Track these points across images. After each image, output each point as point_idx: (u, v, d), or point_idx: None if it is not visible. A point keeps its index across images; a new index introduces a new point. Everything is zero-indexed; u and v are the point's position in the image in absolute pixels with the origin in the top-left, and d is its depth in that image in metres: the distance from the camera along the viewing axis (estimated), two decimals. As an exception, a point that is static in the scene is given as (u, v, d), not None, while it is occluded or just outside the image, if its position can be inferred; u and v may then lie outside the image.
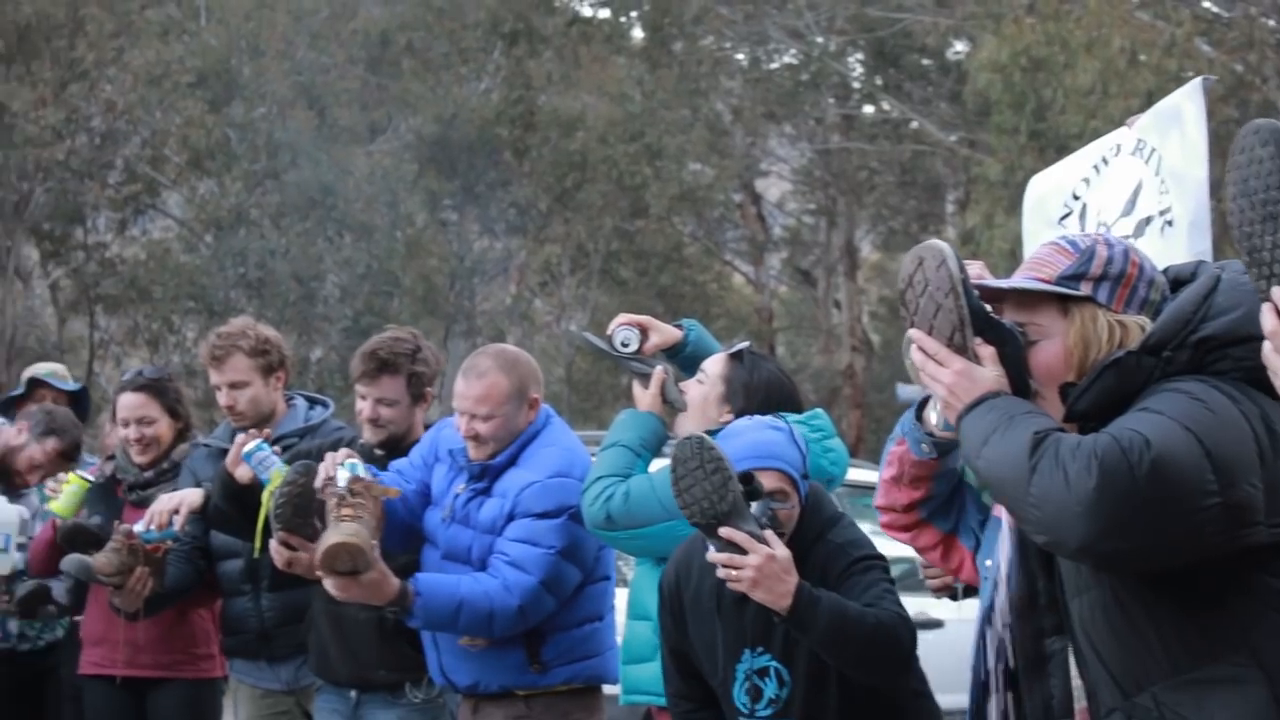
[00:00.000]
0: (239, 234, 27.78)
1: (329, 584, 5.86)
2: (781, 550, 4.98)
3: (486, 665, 6.16)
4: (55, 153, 26.16)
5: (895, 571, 5.42)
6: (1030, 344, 3.78)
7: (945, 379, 3.74)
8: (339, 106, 29.29)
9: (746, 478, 5.05)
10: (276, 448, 6.69)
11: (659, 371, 6.05)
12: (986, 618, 4.33)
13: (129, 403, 7.48)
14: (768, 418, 5.48)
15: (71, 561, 7.00)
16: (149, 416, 7.48)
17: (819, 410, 6.12)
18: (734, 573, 4.97)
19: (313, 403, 7.36)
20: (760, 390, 5.90)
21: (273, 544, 6.17)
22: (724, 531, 4.96)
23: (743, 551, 4.96)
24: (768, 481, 5.15)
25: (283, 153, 27.93)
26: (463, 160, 30.58)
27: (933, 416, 4.44)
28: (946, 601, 5.82)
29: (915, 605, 10.31)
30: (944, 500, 4.70)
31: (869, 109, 35.02)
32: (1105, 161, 6.24)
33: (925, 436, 4.50)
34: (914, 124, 33.46)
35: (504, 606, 5.98)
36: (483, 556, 6.11)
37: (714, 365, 6.01)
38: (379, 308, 27.96)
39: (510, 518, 6.07)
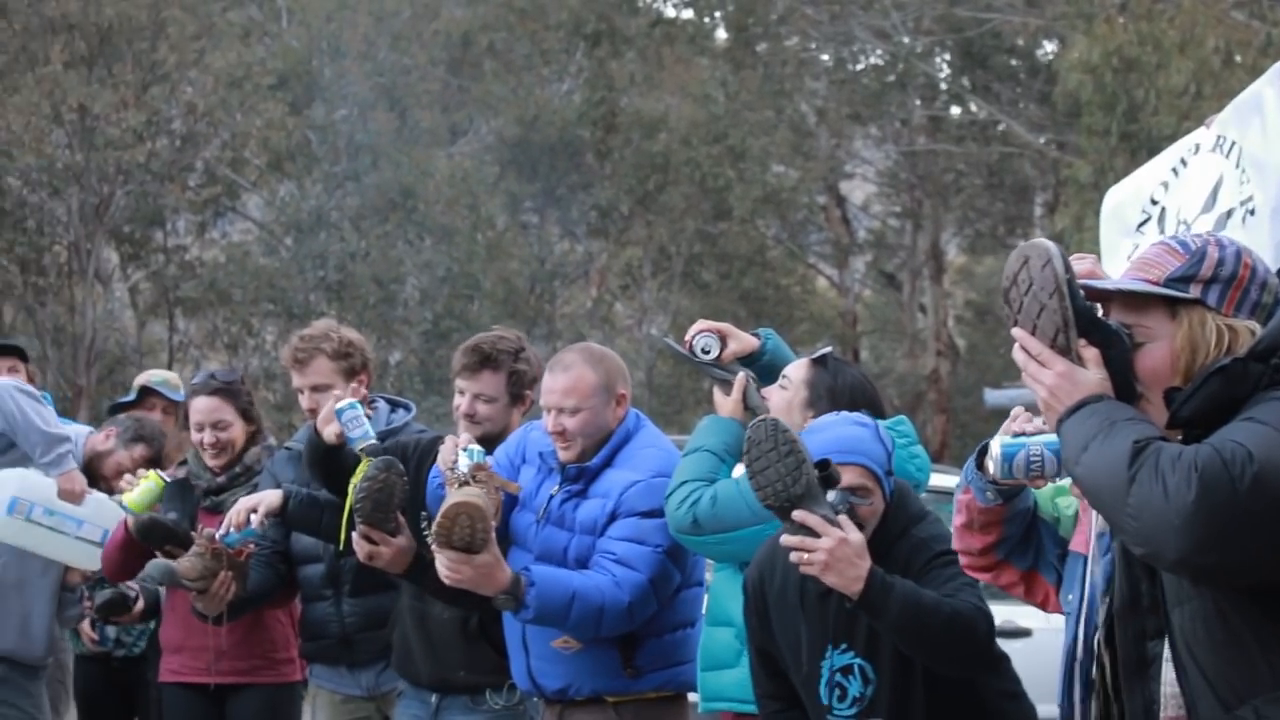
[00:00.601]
0: (319, 236, 27.89)
1: (442, 561, 5.81)
2: (855, 534, 4.99)
3: (580, 669, 6.11)
4: (136, 155, 26.28)
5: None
6: (1137, 346, 3.69)
7: (1047, 381, 3.67)
8: (420, 108, 29.41)
9: (823, 464, 5.06)
10: (369, 410, 6.66)
11: (741, 377, 6.05)
12: (1071, 653, 4.31)
13: (203, 406, 7.48)
14: (853, 414, 5.48)
15: (156, 566, 7.05)
16: (224, 420, 7.48)
17: (902, 417, 6.13)
18: (806, 556, 4.97)
19: (394, 406, 7.33)
20: (844, 395, 5.88)
21: (355, 536, 6.25)
22: (797, 514, 4.98)
23: (816, 535, 4.95)
24: (850, 477, 5.16)
25: (363, 155, 28.06)
26: (544, 162, 30.67)
27: (991, 465, 4.49)
28: (1035, 610, 5.74)
29: (1003, 614, 10.22)
30: (1019, 540, 4.77)
31: (956, 110, 34.93)
32: (1184, 163, 6.18)
33: (989, 484, 4.57)
34: (1002, 125, 33.32)
35: (615, 602, 5.94)
36: (579, 557, 6.08)
37: (797, 370, 5.99)
38: (459, 311, 28.06)
39: (613, 518, 6.05)
